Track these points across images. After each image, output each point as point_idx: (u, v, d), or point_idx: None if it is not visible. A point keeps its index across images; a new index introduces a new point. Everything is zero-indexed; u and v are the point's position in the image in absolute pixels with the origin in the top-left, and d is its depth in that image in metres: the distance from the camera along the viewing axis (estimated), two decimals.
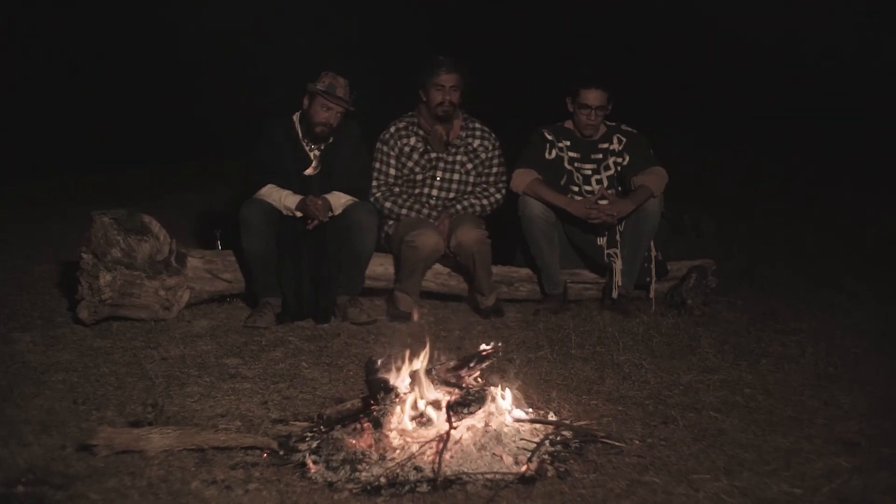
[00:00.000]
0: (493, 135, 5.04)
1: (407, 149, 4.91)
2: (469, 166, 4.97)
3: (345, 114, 4.64)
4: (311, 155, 4.71)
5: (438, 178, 4.93)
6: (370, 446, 2.89)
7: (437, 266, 4.90)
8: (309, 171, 4.68)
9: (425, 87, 4.85)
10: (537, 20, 12.59)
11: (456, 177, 4.95)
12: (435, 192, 4.94)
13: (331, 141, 4.71)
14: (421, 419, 2.93)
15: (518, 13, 12.49)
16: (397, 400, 2.97)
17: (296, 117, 4.73)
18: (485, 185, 5.00)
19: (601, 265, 4.94)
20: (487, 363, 3.25)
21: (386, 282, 4.87)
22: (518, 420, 3.08)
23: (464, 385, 3.10)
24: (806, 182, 8.68)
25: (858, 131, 9.99)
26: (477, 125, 5.04)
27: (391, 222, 4.88)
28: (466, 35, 10.94)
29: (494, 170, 5.01)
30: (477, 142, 4.99)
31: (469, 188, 4.98)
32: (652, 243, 4.92)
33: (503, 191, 4.99)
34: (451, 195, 4.96)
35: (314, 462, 2.85)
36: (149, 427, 3.03)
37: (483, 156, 4.99)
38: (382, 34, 10.59)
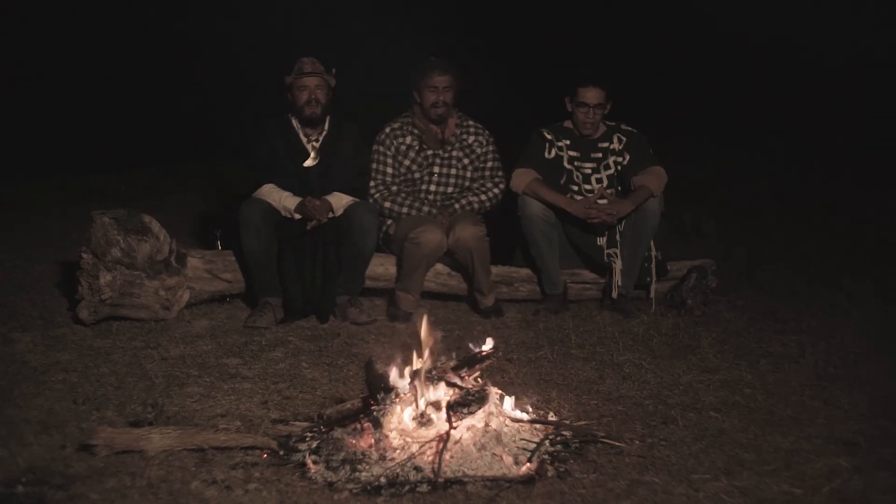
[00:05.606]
0: (487, 131, 5.07)
1: (403, 147, 4.93)
2: (465, 161, 4.98)
3: (328, 87, 4.66)
4: (309, 147, 4.72)
5: (436, 174, 4.94)
6: (370, 446, 2.89)
7: (437, 265, 4.90)
8: (308, 162, 4.69)
9: (419, 89, 4.88)
10: (537, 20, 12.59)
11: (453, 171, 4.96)
12: (433, 188, 4.95)
13: (327, 130, 4.72)
14: (421, 419, 2.92)
15: (518, 13, 12.50)
16: (397, 400, 2.97)
17: (291, 114, 4.76)
18: (482, 182, 5.00)
19: (601, 265, 4.94)
20: (487, 363, 3.25)
21: (386, 282, 4.87)
22: (518, 420, 3.08)
23: (464, 385, 3.10)
24: (806, 182, 8.68)
25: (858, 131, 9.99)
26: (471, 122, 5.06)
27: (390, 222, 4.88)
28: (467, 35, 10.95)
29: (489, 164, 5.02)
30: (472, 138, 5.01)
31: (467, 183, 4.99)
32: (652, 243, 4.92)
33: (501, 186, 5.00)
34: (450, 190, 4.96)
35: (314, 462, 2.85)
36: (149, 427, 3.03)
37: (478, 150, 5.01)
38: (382, 34, 10.59)
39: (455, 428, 2.86)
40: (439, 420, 2.91)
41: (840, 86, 10.79)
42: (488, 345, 3.27)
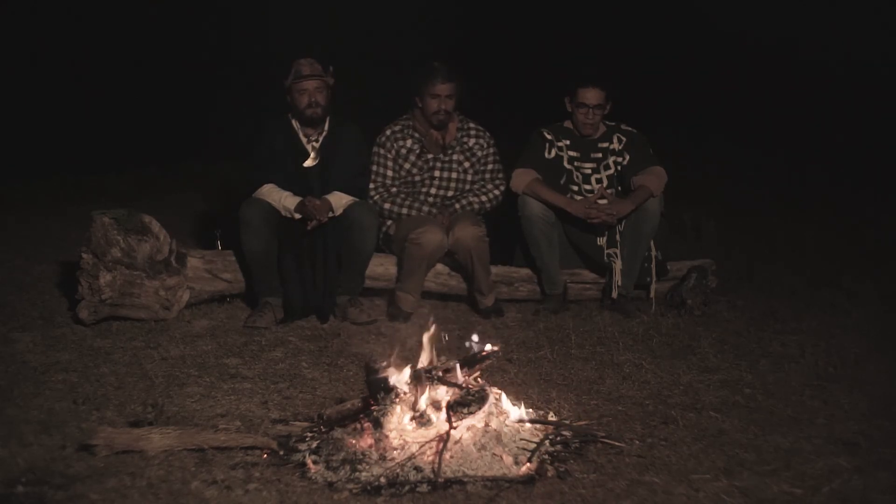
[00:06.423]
0: (488, 133, 5.06)
1: (404, 151, 4.92)
2: (466, 164, 4.97)
3: (327, 87, 4.65)
4: (309, 147, 4.73)
5: (437, 177, 4.94)
6: (370, 446, 2.89)
7: (437, 265, 4.90)
8: (308, 163, 4.70)
9: (420, 94, 4.85)
10: (537, 20, 12.59)
11: (454, 175, 4.96)
12: (434, 191, 4.94)
13: (327, 131, 4.73)
14: (421, 419, 2.93)
15: (518, 13, 12.50)
16: (397, 400, 2.97)
17: (291, 114, 4.76)
18: (482, 183, 5.00)
19: (601, 265, 4.94)
20: (487, 363, 3.25)
21: (386, 282, 4.87)
22: (518, 420, 3.08)
23: (464, 385, 3.10)
24: (806, 182, 8.68)
25: (858, 131, 9.99)
26: (472, 124, 5.05)
27: (390, 222, 4.88)
28: (466, 35, 10.96)
29: (490, 167, 5.02)
30: (472, 140, 5.00)
31: (467, 186, 4.98)
32: (652, 243, 4.92)
33: (501, 187, 4.99)
34: (450, 193, 4.96)
35: (314, 462, 2.86)
36: (149, 427, 3.03)
37: (479, 153, 5.00)
38: (381, 33, 10.60)
39: (455, 428, 2.86)
40: (439, 420, 2.91)
41: (840, 86, 10.78)
42: (489, 346, 3.27)
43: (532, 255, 4.91)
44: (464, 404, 2.93)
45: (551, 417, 3.28)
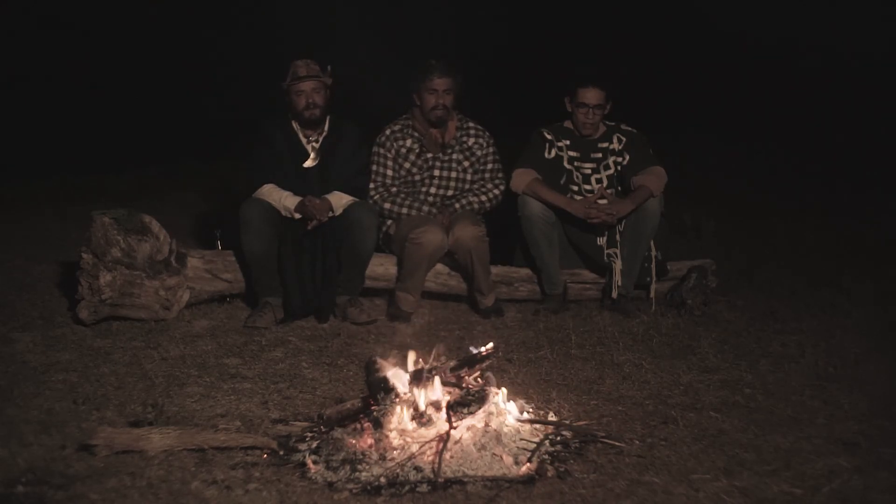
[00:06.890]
0: (487, 133, 5.06)
1: (403, 150, 4.92)
2: (466, 164, 4.97)
3: (325, 87, 4.66)
4: (309, 148, 4.73)
5: (436, 176, 4.94)
6: (370, 446, 2.89)
7: (437, 265, 4.90)
8: (308, 163, 4.70)
9: (418, 91, 4.86)
10: (538, 19, 12.60)
11: (454, 174, 4.95)
12: (433, 191, 4.94)
13: (327, 131, 4.73)
14: (421, 419, 2.93)
15: (518, 12, 12.50)
16: (397, 400, 2.97)
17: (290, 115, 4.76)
18: (482, 183, 5.00)
19: (601, 265, 4.94)
20: (487, 363, 3.25)
21: (386, 282, 4.87)
22: (518, 420, 3.08)
23: (464, 385, 3.10)
24: (806, 182, 8.68)
25: (858, 131, 9.99)
26: (471, 124, 5.05)
27: (390, 222, 4.88)
28: (466, 35, 10.96)
29: (490, 166, 5.02)
30: (472, 140, 5.00)
31: (467, 185, 4.98)
32: (652, 243, 4.92)
33: (501, 187, 4.99)
34: (450, 192, 4.96)
35: (314, 462, 2.86)
36: (149, 427, 3.03)
37: (479, 153, 5.00)
38: (382, 34, 10.60)
39: (455, 428, 2.86)
40: (439, 420, 2.91)
41: (841, 85, 10.78)
42: (488, 345, 3.27)
43: (532, 255, 4.91)
44: (464, 404, 2.93)
45: (551, 417, 3.28)
